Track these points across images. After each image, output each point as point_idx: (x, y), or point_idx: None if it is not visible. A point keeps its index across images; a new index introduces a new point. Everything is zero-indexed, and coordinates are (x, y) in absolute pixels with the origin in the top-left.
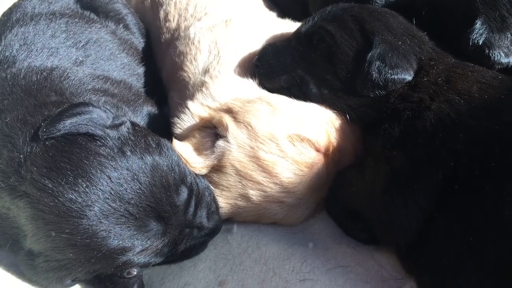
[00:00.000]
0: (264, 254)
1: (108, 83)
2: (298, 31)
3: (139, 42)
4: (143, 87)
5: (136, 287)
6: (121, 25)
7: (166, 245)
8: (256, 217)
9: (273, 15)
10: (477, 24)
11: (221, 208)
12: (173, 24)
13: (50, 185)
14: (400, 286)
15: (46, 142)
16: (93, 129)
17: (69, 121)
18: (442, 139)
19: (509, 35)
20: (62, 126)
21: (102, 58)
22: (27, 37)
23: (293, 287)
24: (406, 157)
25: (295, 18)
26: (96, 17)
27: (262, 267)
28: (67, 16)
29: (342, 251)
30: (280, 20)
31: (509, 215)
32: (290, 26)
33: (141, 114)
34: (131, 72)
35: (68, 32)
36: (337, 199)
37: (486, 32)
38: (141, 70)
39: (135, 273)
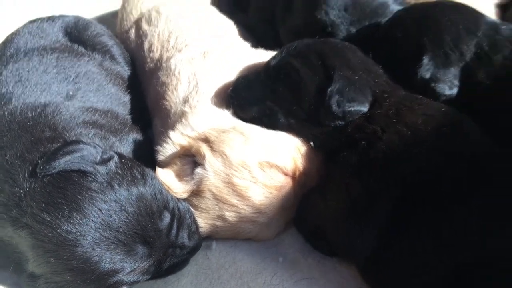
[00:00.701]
0: (239, 269)
1: (97, 114)
2: (267, 65)
3: (124, 71)
4: (129, 114)
5: None
6: (107, 57)
7: (152, 265)
8: (233, 235)
9: (247, 45)
10: (425, 60)
11: (200, 228)
12: (156, 55)
13: (48, 219)
14: None
15: (43, 179)
16: (84, 166)
17: (63, 160)
18: (392, 169)
19: (453, 70)
20: (57, 164)
21: (90, 90)
22: (21, 73)
23: None
24: (362, 186)
25: (267, 46)
26: (84, 50)
27: (237, 280)
28: (58, 50)
29: (308, 264)
30: (253, 50)
31: (447, 238)
32: (262, 55)
33: (127, 142)
34: (117, 101)
35: (59, 67)
36: (303, 219)
37: (432, 68)
38: (127, 98)
39: None
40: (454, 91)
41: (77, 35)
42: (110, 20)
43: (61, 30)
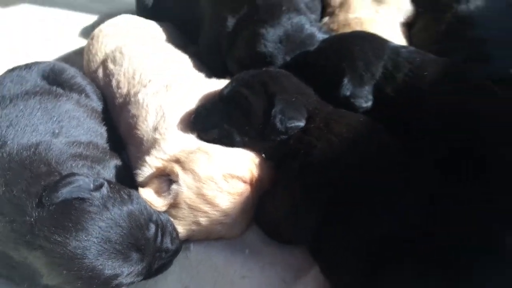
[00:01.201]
0: (214, 263)
1: (81, 147)
2: (221, 94)
3: (98, 106)
4: (106, 143)
5: None
6: (82, 95)
7: (144, 267)
8: (206, 236)
9: (202, 76)
10: (345, 81)
11: (180, 233)
12: (124, 90)
13: (59, 239)
14: (309, 269)
15: (50, 207)
16: (82, 194)
17: (64, 190)
18: (326, 171)
19: (367, 88)
20: (60, 194)
21: (72, 126)
22: (11, 118)
23: (237, 284)
24: (302, 186)
25: (218, 75)
26: (62, 91)
27: (213, 273)
28: (39, 94)
29: (269, 252)
30: (208, 80)
31: (364, 225)
32: (216, 84)
33: (110, 169)
34: (96, 133)
35: (43, 109)
36: (262, 215)
37: (351, 87)
38: (103, 129)
39: None
40: (369, 104)
41: (54, 78)
42: (73, 57)
43: (38, 76)
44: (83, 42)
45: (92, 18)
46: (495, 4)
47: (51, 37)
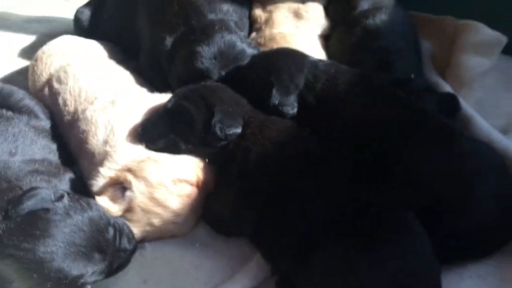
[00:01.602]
0: (169, 258)
1: (37, 164)
2: (166, 107)
3: (47, 124)
4: (59, 158)
5: None
6: (32, 116)
7: (106, 266)
8: (160, 235)
9: (145, 90)
10: (273, 92)
11: (135, 234)
12: (71, 108)
13: (28, 246)
14: (252, 255)
15: (17, 219)
16: (46, 204)
17: (29, 203)
18: (261, 171)
19: (292, 97)
20: (25, 206)
21: (27, 145)
22: None
23: (192, 273)
24: (242, 184)
25: (159, 89)
26: (12, 114)
27: (169, 266)
28: None
29: (217, 244)
30: (151, 94)
31: (293, 216)
32: (158, 98)
33: (65, 181)
34: (48, 150)
35: None
36: (208, 213)
37: (279, 97)
38: (54, 146)
39: (89, 287)
40: (295, 110)
41: (3, 101)
42: (16, 77)
43: None
44: (24, 63)
45: (30, 39)
46: (396, 18)
47: None
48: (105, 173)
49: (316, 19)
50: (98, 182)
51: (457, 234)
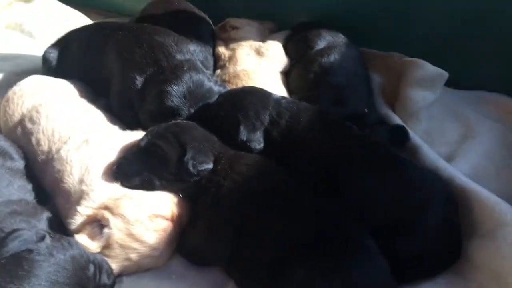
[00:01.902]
0: None
1: (14, 205)
2: (139, 146)
3: (21, 165)
4: (35, 198)
5: None
6: (7, 157)
7: None
8: (137, 269)
9: (116, 128)
10: (241, 129)
11: (114, 269)
12: (45, 148)
13: (14, 287)
14: (227, 283)
15: (2, 261)
16: (29, 246)
17: (12, 245)
18: (233, 203)
19: (258, 133)
20: (10, 248)
21: (3, 187)
22: None
23: None
24: (215, 217)
25: (130, 126)
26: None
27: None
28: None
29: (192, 275)
30: (123, 132)
31: (265, 243)
32: (131, 136)
33: (44, 221)
34: (25, 190)
35: None
36: (183, 245)
37: (246, 133)
38: (30, 186)
39: None
40: (261, 145)
41: None
42: None
43: None
44: None
45: None
46: (349, 55)
47: None
48: (83, 212)
49: (276, 56)
50: (76, 221)
51: (407, 255)
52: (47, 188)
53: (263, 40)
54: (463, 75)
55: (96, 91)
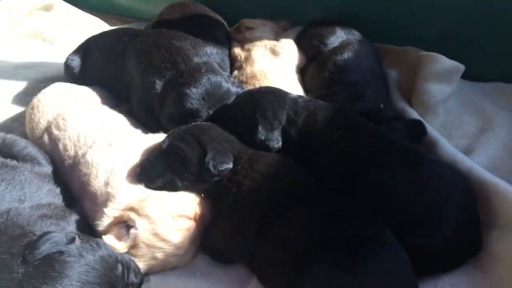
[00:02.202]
0: None
1: (44, 209)
2: (161, 148)
3: (48, 170)
4: (63, 201)
5: None
6: (35, 163)
7: None
8: (163, 267)
9: (139, 131)
10: (259, 129)
11: (141, 268)
12: (71, 153)
13: (47, 287)
14: (250, 280)
15: (35, 263)
16: (60, 248)
17: (44, 247)
18: (254, 201)
19: (276, 132)
20: (41, 250)
21: (33, 192)
22: None
23: None
24: (238, 215)
25: (152, 129)
26: (16, 162)
27: None
28: None
29: (216, 272)
30: (145, 135)
31: (287, 237)
32: (153, 139)
33: (72, 223)
34: (53, 194)
35: (5, 180)
36: (207, 243)
37: (264, 132)
38: (58, 190)
39: None
40: (279, 144)
41: (7, 152)
42: (10, 124)
43: None
44: (17, 109)
45: (20, 85)
46: (363, 52)
47: None
48: (110, 213)
49: (291, 55)
50: (103, 222)
51: (426, 249)
52: (74, 191)
53: (277, 38)
54: (479, 67)
55: (117, 96)
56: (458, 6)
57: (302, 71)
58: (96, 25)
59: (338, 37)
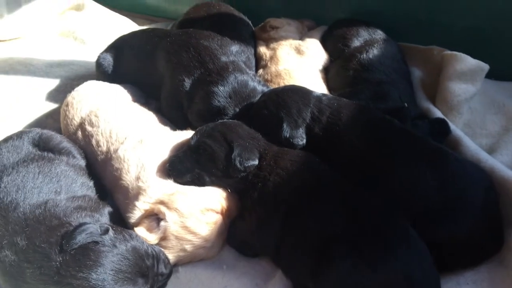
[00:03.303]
0: (200, 279)
1: (79, 200)
2: (189, 144)
3: (82, 163)
4: (96, 194)
5: None
6: (70, 156)
7: None
8: (191, 259)
9: (168, 129)
10: (284, 126)
11: (170, 259)
12: (104, 148)
13: (83, 275)
14: (274, 273)
15: (71, 252)
16: (95, 238)
17: (80, 237)
18: (279, 196)
19: (301, 130)
20: (78, 240)
21: (69, 184)
22: (17, 183)
23: None
24: (263, 209)
25: (180, 126)
26: (52, 155)
27: (201, 287)
28: (35, 160)
29: (242, 265)
30: (174, 132)
31: (312, 228)
32: (181, 136)
33: (105, 215)
34: (87, 187)
35: (42, 173)
36: (233, 237)
37: (289, 130)
38: (91, 183)
39: None
40: (304, 141)
41: (44, 145)
42: (44, 120)
43: (29, 144)
44: (51, 106)
45: (54, 82)
46: (387, 51)
47: (18, 103)
48: (141, 206)
49: (316, 54)
50: (135, 215)
51: (449, 245)
52: (107, 185)
53: (302, 37)
54: (503, 66)
55: (147, 94)
56: (482, 5)
57: (326, 69)
58: (125, 25)
59: (362, 36)
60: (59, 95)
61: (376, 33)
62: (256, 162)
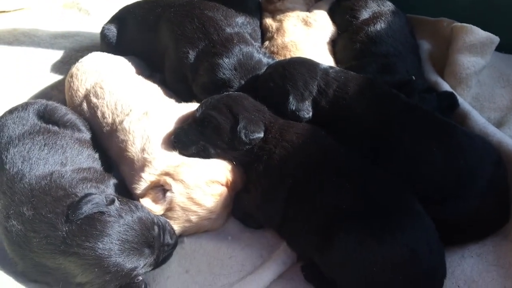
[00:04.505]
0: (205, 250)
1: (85, 172)
2: (194, 117)
3: (88, 136)
4: (101, 166)
5: (144, 286)
6: (75, 129)
7: (154, 259)
8: (196, 230)
9: (173, 101)
10: (290, 99)
11: (175, 230)
12: (109, 120)
13: (90, 245)
14: (279, 245)
15: (77, 222)
16: (101, 208)
17: (86, 207)
18: (284, 169)
19: (307, 102)
20: (84, 211)
21: (74, 156)
22: (23, 155)
23: (225, 262)
24: (268, 181)
25: (185, 99)
26: (57, 128)
27: (206, 256)
28: (41, 132)
29: (246, 236)
30: (178, 104)
31: (318, 201)
32: (186, 108)
33: (111, 186)
34: (92, 159)
35: (48, 144)
36: (238, 209)
37: (295, 103)
38: (97, 155)
39: (141, 278)
40: (310, 114)
41: (49, 118)
42: (50, 92)
43: (34, 115)
44: (56, 77)
45: (57, 54)
46: (395, 23)
47: (23, 74)
48: (147, 178)
49: (323, 26)
50: (141, 186)
51: (456, 218)
52: (113, 157)
53: (309, 9)
54: None
55: (151, 66)
56: None
57: (333, 42)
58: None
59: (370, 8)
60: (64, 66)
61: (385, 4)
62: (261, 134)
